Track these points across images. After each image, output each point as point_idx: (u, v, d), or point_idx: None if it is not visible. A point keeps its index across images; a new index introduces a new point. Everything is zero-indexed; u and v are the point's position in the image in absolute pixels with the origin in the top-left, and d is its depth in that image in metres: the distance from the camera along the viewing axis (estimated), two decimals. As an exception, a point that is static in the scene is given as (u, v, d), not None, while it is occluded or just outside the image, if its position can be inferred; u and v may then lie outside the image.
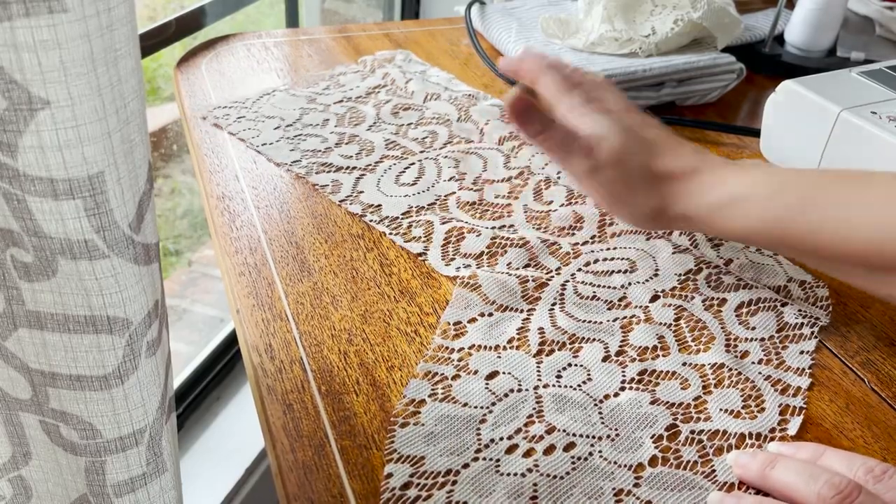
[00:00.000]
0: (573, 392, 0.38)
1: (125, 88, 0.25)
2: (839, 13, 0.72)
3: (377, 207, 0.51)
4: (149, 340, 0.29)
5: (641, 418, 0.37)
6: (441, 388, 0.38)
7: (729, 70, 0.67)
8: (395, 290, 0.44)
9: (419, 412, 0.36)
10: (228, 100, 0.62)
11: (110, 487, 0.31)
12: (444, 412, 0.36)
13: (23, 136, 0.23)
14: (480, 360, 0.39)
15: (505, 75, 0.69)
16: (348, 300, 0.43)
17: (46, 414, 0.30)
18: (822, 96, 0.51)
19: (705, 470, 0.35)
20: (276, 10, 1.19)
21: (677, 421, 0.37)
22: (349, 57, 0.71)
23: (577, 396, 0.38)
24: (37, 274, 0.26)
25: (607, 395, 0.38)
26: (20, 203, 0.25)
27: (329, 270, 0.45)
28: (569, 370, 0.39)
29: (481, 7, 0.78)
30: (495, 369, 0.39)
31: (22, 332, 0.28)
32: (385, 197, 0.52)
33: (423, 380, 0.38)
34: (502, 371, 0.39)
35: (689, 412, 0.37)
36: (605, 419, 0.37)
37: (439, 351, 0.40)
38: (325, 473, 0.34)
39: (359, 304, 0.43)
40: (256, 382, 0.38)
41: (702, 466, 0.35)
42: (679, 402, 0.38)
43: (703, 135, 0.64)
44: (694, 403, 0.38)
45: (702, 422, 0.37)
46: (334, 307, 0.43)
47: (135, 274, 0.27)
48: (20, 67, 0.22)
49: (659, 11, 0.68)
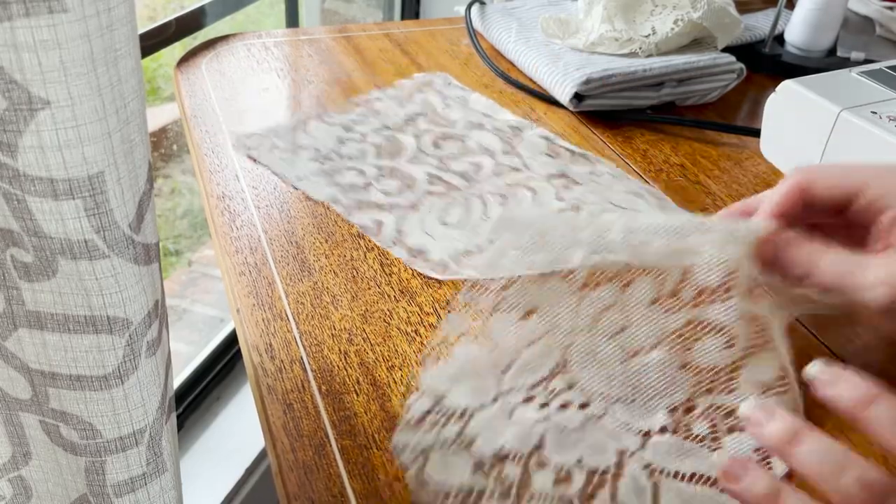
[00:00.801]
0: (604, 343, 0.37)
1: (125, 88, 0.25)
2: (839, 13, 0.72)
3: (421, 253, 0.47)
4: (149, 340, 0.29)
5: (664, 385, 0.36)
6: (476, 326, 0.38)
7: (729, 70, 0.67)
8: (395, 289, 0.44)
9: (452, 347, 0.37)
10: (262, 127, 0.59)
11: (110, 487, 0.31)
12: (474, 353, 0.37)
13: (23, 136, 0.23)
14: (518, 293, 0.38)
15: (505, 75, 0.69)
16: (348, 300, 0.43)
17: (46, 414, 0.30)
18: (822, 96, 0.51)
19: (713, 445, 0.35)
20: (276, 10, 1.19)
21: (698, 392, 0.36)
22: (349, 57, 0.71)
23: (606, 350, 0.37)
24: (37, 274, 0.26)
25: (637, 351, 0.36)
26: (20, 203, 0.25)
27: (329, 270, 0.45)
28: (608, 313, 0.37)
29: (481, 7, 0.78)
30: (533, 307, 0.38)
31: (22, 332, 0.28)
32: (430, 239, 0.48)
33: (460, 313, 0.38)
34: (539, 310, 0.37)
35: (716, 382, 0.36)
36: (628, 379, 0.36)
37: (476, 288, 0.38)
38: (325, 473, 0.34)
39: (359, 303, 0.43)
40: (257, 382, 0.38)
41: (710, 441, 0.35)
42: (710, 368, 0.36)
43: (703, 135, 0.64)
44: (727, 370, 0.36)
45: (724, 394, 0.36)
46: (334, 307, 0.43)
47: (135, 274, 0.27)
48: (20, 67, 0.22)
49: (659, 11, 0.68)
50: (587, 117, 0.65)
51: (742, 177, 0.59)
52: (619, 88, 0.64)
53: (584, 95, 0.63)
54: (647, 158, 0.60)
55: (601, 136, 0.62)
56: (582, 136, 0.62)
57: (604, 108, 0.64)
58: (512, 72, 0.70)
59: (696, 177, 0.58)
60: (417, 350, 0.40)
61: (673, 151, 0.61)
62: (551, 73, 0.65)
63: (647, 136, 0.63)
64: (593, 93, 0.63)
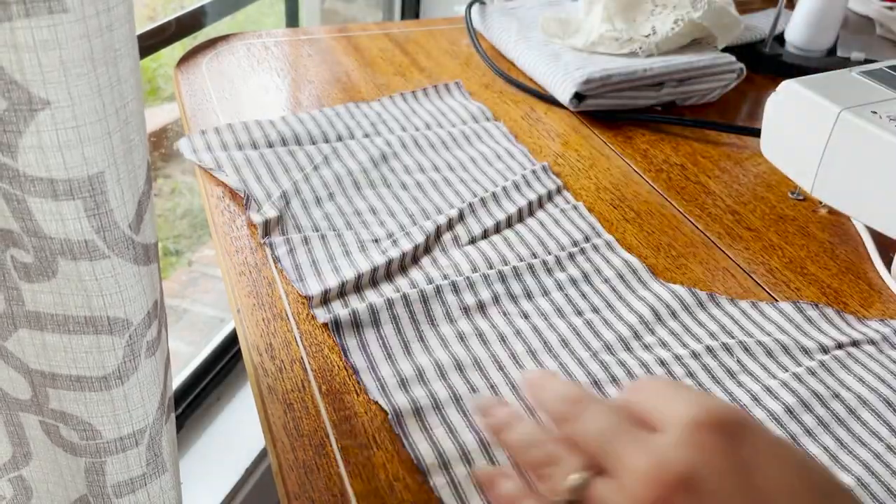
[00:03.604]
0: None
1: (125, 88, 0.25)
2: (839, 13, 0.72)
3: None
4: (148, 341, 0.29)
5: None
6: None
7: (729, 70, 0.67)
8: (395, 290, 0.44)
9: None
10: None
11: (110, 488, 0.31)
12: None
13: (23, 137, 0.23)
14: None
15: (505, 75, 0.69)
16: (348, 300, 0.43)
17: (46, 414, 0.30)
18: (822, 96, 0.51)
19: None
20: (276, 10, 1.19)
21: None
22: (349, 56, 0.71)
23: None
24: (37, 274, 0.26)
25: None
26: (20, 203, 0.25)
27: (329, 270, 0.45)
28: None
29: (481, 7, 0.78)
30: None
31: (22, 332, 0.28)
32: None
33: None
34: None
35: None
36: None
37: None
38: (325, 473, 0.34)
39: (359, 304, 0.43)
40: (257, 382, 0.38)
41: None
42: None
43: (704, 134, 0.64)
44: None
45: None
46: (334, 307, 0.43)
47: (134, 274, 0.27)
48: (20, 68, 0.22)
49: (659, 11, 0.68)
50: (587, 117, 0.64)
51: (742, 177, 0.59)
52: (619, 88, 0.63)
53: (584, 95, 0.63)
54: (647, 158, 0.60)
55: (601, 136, 0.62)
56: (582, 135, 0.62)
57: (604, 108, 0.64)
58: (512, 71, 0.70)
59: (696, 177, 0.58)
60: (417, 350, 0.40)
61: (673, 151, 0.61)
62: (551, 72, 0.65)
63: (647, 135, 0.63)
64: (593, 93, 0.63)
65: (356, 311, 0.41)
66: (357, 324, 0.41)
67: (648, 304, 0.44)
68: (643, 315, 0.43)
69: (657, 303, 0.44)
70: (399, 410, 0.36)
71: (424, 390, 0.38)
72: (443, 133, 0.59)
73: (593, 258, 0.47)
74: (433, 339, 0.41)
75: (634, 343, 0.42)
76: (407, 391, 0.37)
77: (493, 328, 0.42)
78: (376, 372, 0.38)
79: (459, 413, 0.37)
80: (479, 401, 0.34)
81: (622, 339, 0.42)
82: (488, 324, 0.42)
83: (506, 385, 0.39)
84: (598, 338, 0.42)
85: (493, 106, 0.65)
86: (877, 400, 0.39)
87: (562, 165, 0.57)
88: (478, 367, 0.39)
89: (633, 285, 0.46)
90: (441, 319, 0.42)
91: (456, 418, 0.36)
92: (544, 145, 0.60)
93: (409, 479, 0.34)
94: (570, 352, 0.41)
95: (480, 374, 0.39)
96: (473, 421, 0.36)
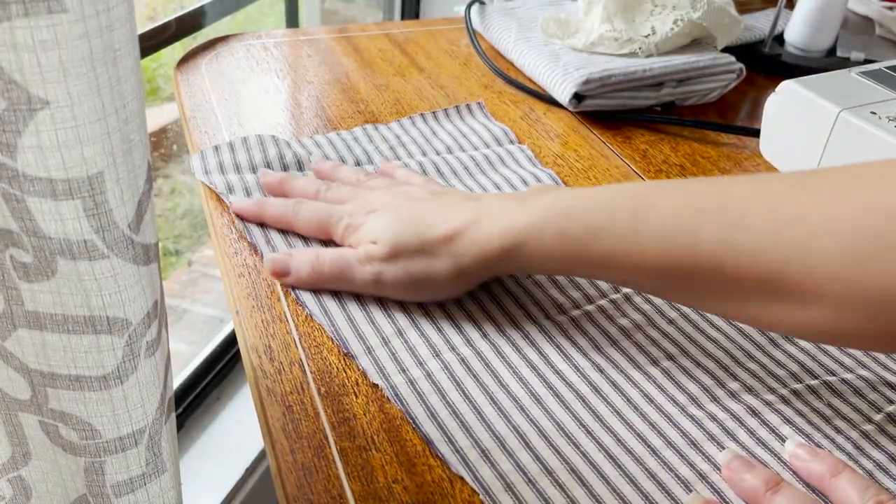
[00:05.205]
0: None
1: (124, 88, 0.25)
2: (839, 13, 0.72)
3: None
4: (148, 341, 0.29)
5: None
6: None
7: (729, 70, 0.67)
8: (394, 290, 0.44)
9: None
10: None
11: (110, 488, 0.31)
12: None
13: (22, 137, 0.23)
14: None
15: (504, 75, 0.69)
16: (348, 300, 0.43)
17: (46, 414, 0.30)
18: (821, 96, 0.51)
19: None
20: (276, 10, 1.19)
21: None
22: (349, 57, 0.71)
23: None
24: (36, 274, 0.26)
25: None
26: (19, 203, 0.25)
27: (329, 271, 0.45)
28: None
29: (481, 7, 0.78)
30: None
31: (21, 332, 0.28)
32: None
33: None
34: None
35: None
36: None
37: None
38: (324, 475, 0.34)
39: (358, 304, 0.43)
40: (256, 384, 0.38)
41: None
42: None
43: (703, 135, 0.64)
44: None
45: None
46: (334, 307, 0.43)
47: (134, 274, 0.27)
48: (20, 67, 0.22)
49: (659, 11, 0.68)
50: (587, 117, 0.65)
51: (742, 177, 0.59)
52: (618, 88, 0.64)
53: (583, 95, 0.63)
54: (646, 158, 0.60)
55: (601, 136, 0.62)
56: (581, 136, 0.62)
57: (604, 108, 0.64)
58: (512, 72, 0.70)
59: (696, 177, 0.58)
60: (417, 350, 0.40)
61: (673, 151, 0.61)
62: (551, 73, 0.65)
63: (646, 136, 0.63)
64: (593, 93, 0.63)
65: (413, 379, 0.38)
66: (419, 393, 0.38)
67: (721, 347, 0.41)
68: (720, 360, 0.41)
69: (730, 344, 0.42)
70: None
71: (510, 463, 0.35)
72: (465, 157, 0.56)
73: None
74: (506, 401, 0.38)
75: (719, 391, 0.39)
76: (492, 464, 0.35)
77: (568, 387, 0.39)
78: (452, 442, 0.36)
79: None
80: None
81: (706, 390, 0.39)
82: (562, 382, 0.39)
83: (599, 452, 0.35)
84: (681, 390, 0.39)
85: (492, 106, 0.65)
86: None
87: (561, 166, 0.57)
88: (563, 432, 0.36)
89: (682, 325, 0.43)
90: (509, 379, 0.39)
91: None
92: (543, 145, 0.60)
93: (408, 480, 0.34)
94: (657, 408, 0.38)
95: (567, 440, 0.36)
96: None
